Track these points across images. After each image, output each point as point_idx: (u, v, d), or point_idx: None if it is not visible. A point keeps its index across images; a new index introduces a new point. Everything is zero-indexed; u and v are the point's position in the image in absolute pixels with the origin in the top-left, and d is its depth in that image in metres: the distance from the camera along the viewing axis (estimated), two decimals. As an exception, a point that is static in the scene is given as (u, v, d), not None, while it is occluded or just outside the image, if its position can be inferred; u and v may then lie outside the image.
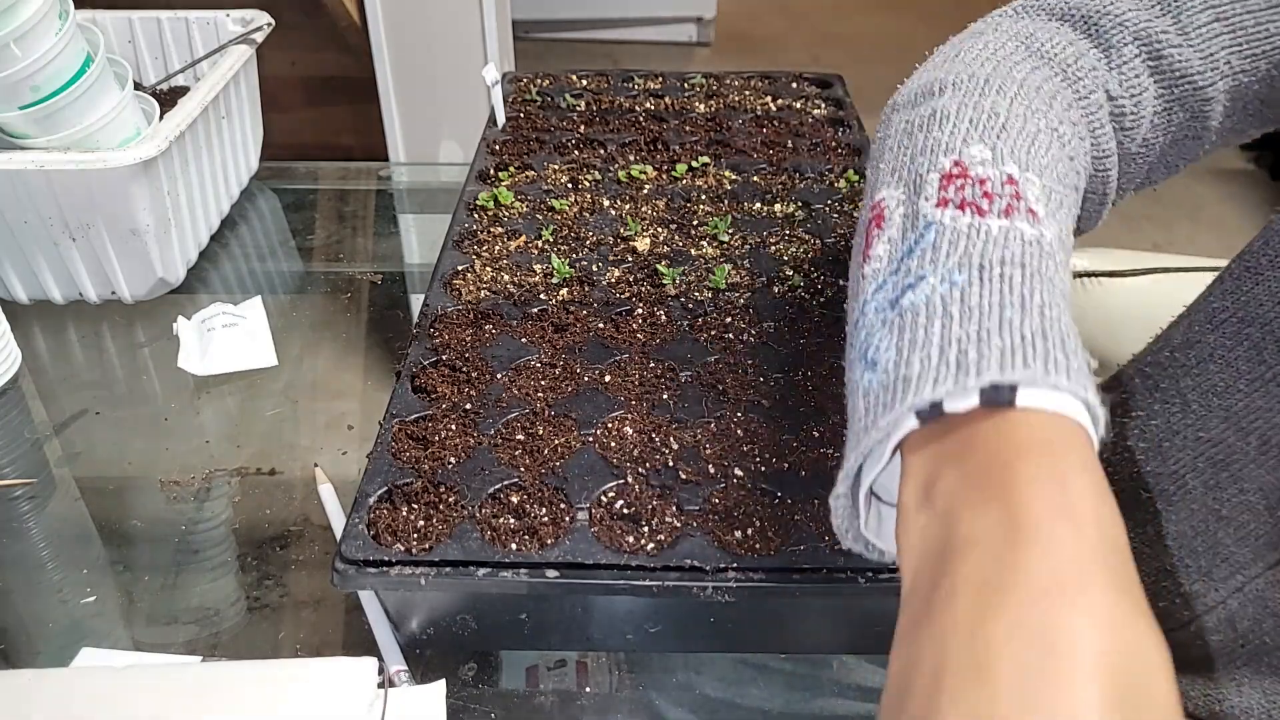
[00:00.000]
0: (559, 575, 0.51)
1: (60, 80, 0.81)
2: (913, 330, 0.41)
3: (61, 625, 0.63)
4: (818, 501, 0.55)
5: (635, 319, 0.70)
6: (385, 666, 0.56)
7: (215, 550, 0.69)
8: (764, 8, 4.28)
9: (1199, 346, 0.64)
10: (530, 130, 0.97)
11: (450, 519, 0.54)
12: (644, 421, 0.61)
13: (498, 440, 0.59)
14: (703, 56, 3.85)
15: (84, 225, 0.84)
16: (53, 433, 0.79)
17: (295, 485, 0.73)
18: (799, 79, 1.08)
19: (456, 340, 0.68)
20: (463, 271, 0.76)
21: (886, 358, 0.41)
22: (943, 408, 0.37)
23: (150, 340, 0.90)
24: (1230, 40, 0.56)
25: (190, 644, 0.62)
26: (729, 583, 0.50)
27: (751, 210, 0.84)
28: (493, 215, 0.83)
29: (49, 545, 0.70)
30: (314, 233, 1.07)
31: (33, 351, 0.88)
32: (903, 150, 0.51)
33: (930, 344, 0.39)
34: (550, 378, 0.65)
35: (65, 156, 0.80)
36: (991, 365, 0.37)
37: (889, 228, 0.47)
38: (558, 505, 0.55)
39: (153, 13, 1.08)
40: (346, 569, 0.51)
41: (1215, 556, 0.63)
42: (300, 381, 0.85)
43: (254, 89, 1.09)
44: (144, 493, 0.73)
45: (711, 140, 0.95)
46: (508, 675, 0.59)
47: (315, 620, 0.63)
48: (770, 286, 0.73)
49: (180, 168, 0.90)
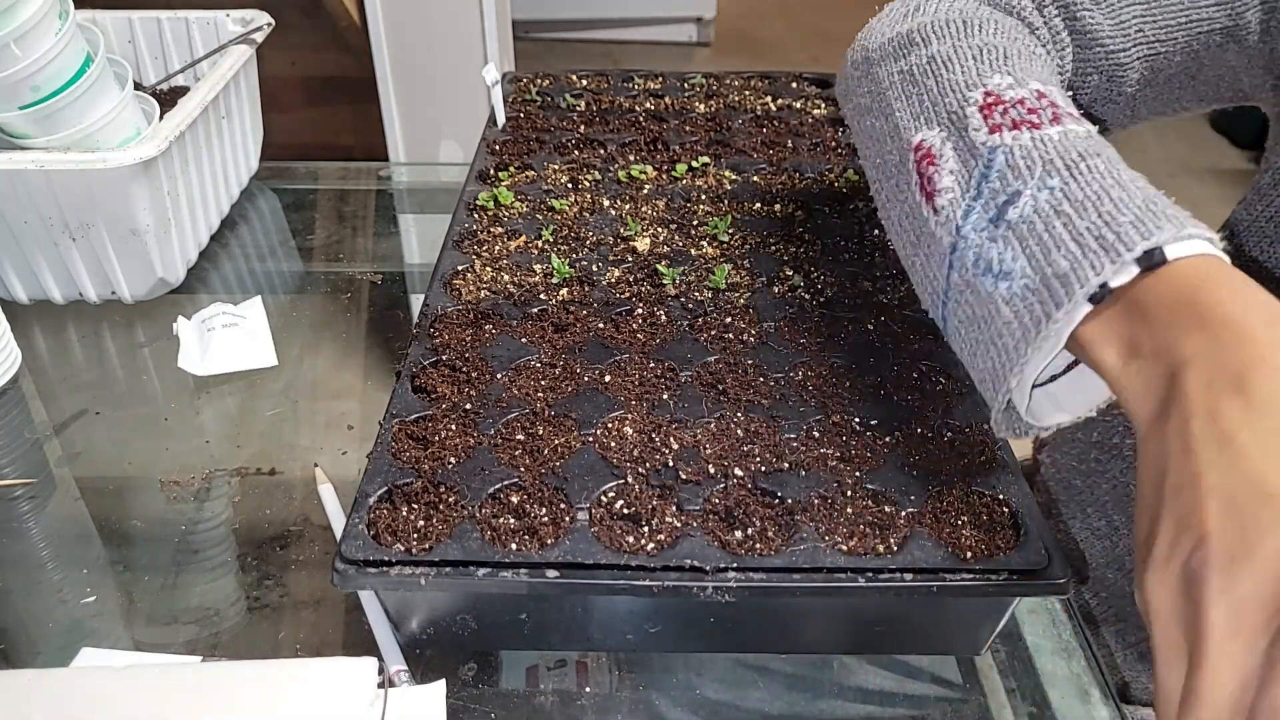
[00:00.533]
0: (559, 575, 0.51)
1: (60, 80, 0.81)
2: (1035, 236, 0.45)
3: (61, 625, 0.63)
4: (818, 501, 0.55)
5: (635, 319, 0.70)
6: (385, 666, 0.56)
7: (215, 550, 0.69)
8: (764, 8, 4.28)
9: None
10: (530, 130, 0.97)
11: (450, 519, 0.54)
12: (644, 421, 0.61)
13: (498, 440, 0.59)
14: (703, 56, 3.85)
15: (84, 225, 0.84)
16: (53, 433, 0.79)
17: (295, 485, 0.73)
18: (799, 79, 1.08)
19: (456, 340, 0.68)
20: (463, 271, 0.76)
21: (1019, 266, 0.46)
22: (1109, 286, 0.42)
23: (150, 340, 0.90)
24: (1143, 10, 0.60)
25: (190, 644, 0.62)
26: (729, 583, 0.50)
27: (751, 210, 0.83)
28: (493, 215, 0.83)
29: (49, 545, 0.70)
30: (314, 233, 1.07)
31: (33, 351, 0.88)
32: (916, 96, 0.56)
33: (1064, 241, 0.44)
34: (550, 378, 0.65)
35: (65, 156, 0.80)
36: (1134, 237, 0.42)
37: (945, 162, 0.51)
38: (558, 505, 0.55)
39: (153, 13, 1.08)
40: (346, 569, 0.51)
41: None
42: (300, 381, 0.85)
43: (254, 89, 1.09)
44: (144, 493, 0.73)
45: (711, 140, 0.95)
46: (508, 675, 0.59)
47: (315, 620, 0.63)
48: (770, 286, 0.73)
49: (180, 168, 0.90)
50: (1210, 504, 0.35)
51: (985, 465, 0.57)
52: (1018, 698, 0.58)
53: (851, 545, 0.52)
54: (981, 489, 0.56)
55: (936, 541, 0.52)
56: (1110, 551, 0.71)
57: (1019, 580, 0.51)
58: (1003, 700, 0.58)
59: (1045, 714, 0.58)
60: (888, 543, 0.52)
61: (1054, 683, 0.59)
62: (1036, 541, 0.52)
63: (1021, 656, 0.61)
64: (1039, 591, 0.52)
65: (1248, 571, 0.33)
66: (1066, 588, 0.51)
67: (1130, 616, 0.71)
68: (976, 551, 0.52)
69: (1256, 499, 0.34)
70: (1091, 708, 0.58)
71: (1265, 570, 0.33)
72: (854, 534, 0.53)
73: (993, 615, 0.56)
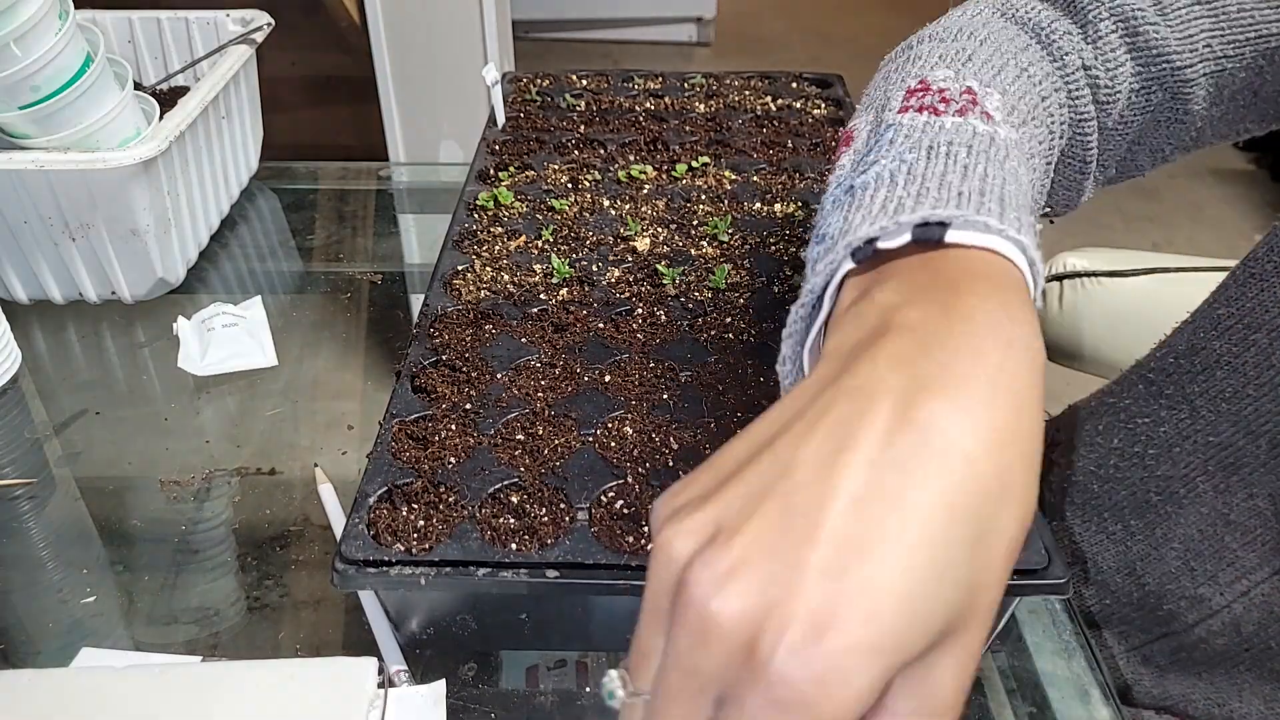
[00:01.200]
0: (559, 575, 0.51)
1: (60, 80, 0.81)
2: (859, 201, 0.41)
3: (61, 625, 0.63)
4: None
5: (635, 319, 0.70)
6: (385, 666, 0.56)
7: (215, 550, 0.69)
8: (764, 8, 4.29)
9: (1204, 353, 0.64)
10: (530, 130, 0.97)
11: (450, 519, 0.54)
12: (644, 421, 0.61)
13: (498, 440, 0.59)
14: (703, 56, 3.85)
15: (84, 225, 0.84)
16: (53, 433, 0.79)
17: (295, 485, 0.73)
18: (799, 79, 1.08)
19: (456, 340, 0.68)
20: (463, 271, 0.76)
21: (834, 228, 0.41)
22: (876, 244, 0.38)
23: (150, 340, 0.90)
24: (1211, 24, 0.56)
25: (190, 644, 0.62)
26: (729, 583, 0.50)
27: (751, 210, 0.84)
28: (493, 215, 0.83)
29: (49, 545, 0.70)
30: (314, 233, 1.07)
31: (33, 351, 0.88)
32: (876, 89, 0.53)
33: (873, 205, 0.40)
34: (550, 378, 0.65)
35: (65, 156, 0.80)
36: (924, 205, 0.38)
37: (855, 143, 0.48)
38: (558, 505, 0.55)
39: (153, 13, 1.08)
40: (346, 569, 0.51)
41: (1222, 560, 0.63)
42: (300, 381, 0.85)
43: (254, 89, 1.09)
44: (144, 493, 0.73)
45: (711, 140, 0.95)
46: (508, 675, 0.59)
47: (315, 620, 0.63)
48: (770, 286, 0.73)
49: (180, 168, 0.90)
50: (770, 504, 0.29)
51: (985, 465, 0.57)
52: (1018, 698, 0.58)
53: (851, 545, 0.52)
54: (981, 489, 0.56)
55: (936, 541, 0.52)
56: (1123, 557, 0.71)
57: (1019, 580, 0.51)
58: (1003, 700, 0.58)
59: (1045, 714, 0.58)
60: (888, 543, 0.52)
61: (1054, 683, 0.59)
62: (1036, 541, 0.52)
63: (1021, 657, 0.61)
64: (1039, 591, 0.52)
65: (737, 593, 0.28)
66: (1066, 588, 0.51)
67: (1134, 620, 0.71)
68: (976, 551, 0.52)
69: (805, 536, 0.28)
70: (1091, 708, 0.58)
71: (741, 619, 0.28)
72: (854, 534, 0.53)
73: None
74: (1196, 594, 0.65)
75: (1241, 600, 0.63)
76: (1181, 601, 0.66)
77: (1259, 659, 0.64)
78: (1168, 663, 0.69)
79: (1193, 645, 0.67)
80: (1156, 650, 0.69)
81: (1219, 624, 0.64)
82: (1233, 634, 0.64)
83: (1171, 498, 0.66)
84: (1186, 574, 0.65)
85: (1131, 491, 0.70)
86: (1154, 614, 0.68)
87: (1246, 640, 0.63)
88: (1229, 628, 0.64)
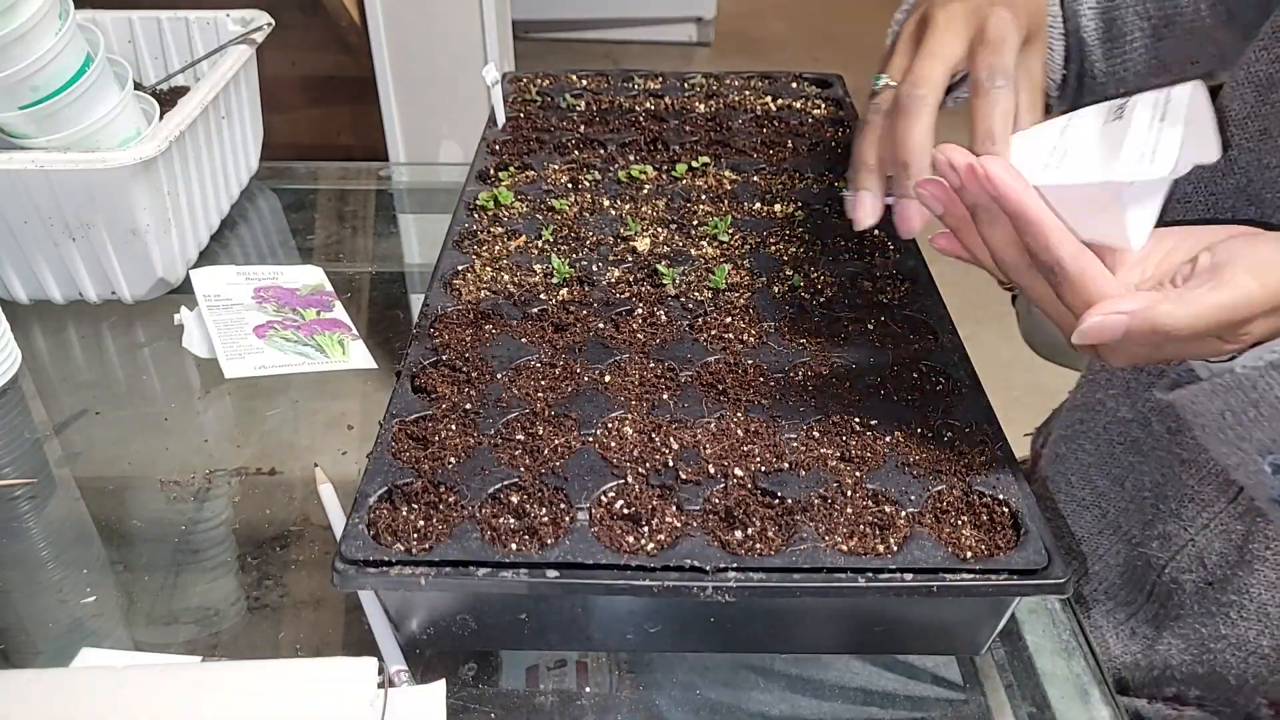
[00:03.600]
0: (559, 575, 0.51)
1: (60, 80, 0.81)
2: None
3: (61, 625, 0.63)
4: (818, 501, 0.55)
5: (635, 319, 0.70)
6: (385, 666, 0.56)
7: (215, 550, 0.69)
8: (764, 8, 4.28)
9: None
10: (530, 130, 0.97)
11: (450, 519, 0.54)
12: (644, 421, 0.61)
13: (498, 440, 0.59)
14: (703, 56, 3.85)
15: (84, 225, 0.84)
16: (53, 433, 0.79)
17: (295, 485, 0.73)
18: (799, 79, 1.08)
19: (456, 340, 0.68)
20: (463, 271, 0.76)
21: None
22: None
23: (150, 340, 0.90)
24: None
25: (190, 644, 0.62)
26: (729, 583, 0.50)
27: (751, 210, 0.83)
28: (493, 215, 0.83)
29: (49, 545, 0.70)
30: (314, 233, 1.07)
31: (33, 351, 0.88)
32: None
33: None
34: (550, 378, 0.65)
35: (65, 156, 0.80)
36: None
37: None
38: (558, 505, 0.55)
39: (153, 13, 1.08)
40: (346, 569, 0.51)
41: (1184, 498, 0.67)
42: (300, 381, 0.85)
43: (254, 89, 1.09)
44: (144, 493, 0.73)
45: (711, 140, 0.95)
46: (508, 675, 0.59)
47: (315, 620, 0.63)
48: (770, 286, 0.73)
49: (180, 168, 0.90)
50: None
51: (985, 465, 0.57)
52: (1018, 698, 0.58)
53: (851, 545, 0.52)
54: (981, 489, 0.56)
55: (936, 541, 0.52)
56: (1102, 519, 0.74)
57: (1019, 580, 0.51)
58: (1003, 700, 0.58)
59: (1045, 714, 0.58)
60: (888, 543, 0.52)
61: (1054, 683, 0.59)
62: (1036, 541, 0.52)
63: (1021, 656, 0.61)
64: (1039, 591, 0.52)
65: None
66: (1066, 588, 0.51)
67: (1118, 588, 0.73)
68: (976, 551, 0.52)
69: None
70: (1091, 708, 0.58)
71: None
72: (854, 534, 0.53)
73: (993, 615, 0.56)
74: (1166, 531, 0.69)
75: (1204, 532, 0.67)
76: (1154, 541, 0.70)
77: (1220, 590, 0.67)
78: (1153, 630, 0.72)
79: (1167, 595, 0.70)
80: (1141, 618, 0.72)
81: (1186, 559, 0.68)
82: (1199, 568, 0.68)
83: (1134, 443, 0.70)
84: (1156, 515, 0.69)
85: (1096, 444, 0.72)
86: (1133, 568, 0.71)
87: (1210, 573, 0.67)
88: (1195, 562, 0.68)
